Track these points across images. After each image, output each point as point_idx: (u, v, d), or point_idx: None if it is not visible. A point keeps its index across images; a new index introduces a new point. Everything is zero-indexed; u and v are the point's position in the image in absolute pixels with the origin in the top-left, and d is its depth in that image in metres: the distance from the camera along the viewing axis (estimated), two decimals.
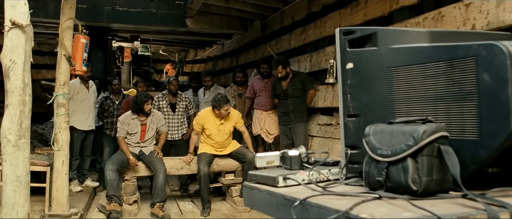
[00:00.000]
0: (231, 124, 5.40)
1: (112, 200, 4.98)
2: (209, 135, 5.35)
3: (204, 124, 5.34)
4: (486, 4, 3.19)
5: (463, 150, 1.32)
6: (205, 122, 5.34)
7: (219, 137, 5.35)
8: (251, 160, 5.37)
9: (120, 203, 5.05)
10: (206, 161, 5.35)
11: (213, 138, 5.35)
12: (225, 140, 5.45)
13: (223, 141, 5.41)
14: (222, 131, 5.34)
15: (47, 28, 8.25)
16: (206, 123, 5.34)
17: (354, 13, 5.05)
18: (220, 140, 5.38)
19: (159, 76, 14.14)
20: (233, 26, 8.30)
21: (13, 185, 3.18)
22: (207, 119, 5.34)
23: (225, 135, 5.39)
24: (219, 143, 5.41)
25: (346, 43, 1.67)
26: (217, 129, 5.32)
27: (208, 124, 5.33)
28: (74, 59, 4.39)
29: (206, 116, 5.37)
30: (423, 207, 1.15)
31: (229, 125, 5.39)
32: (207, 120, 5.34)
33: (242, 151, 5.55)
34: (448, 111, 1.39)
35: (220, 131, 5.34)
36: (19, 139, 3.19)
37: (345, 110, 1.68)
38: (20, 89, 3.19)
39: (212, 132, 5.33)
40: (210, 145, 5.45)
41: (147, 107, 5.31)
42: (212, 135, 5.34)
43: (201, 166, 5.29)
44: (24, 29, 3.18)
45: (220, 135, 5.35)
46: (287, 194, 1.48)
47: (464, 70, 1.33)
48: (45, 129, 7.51)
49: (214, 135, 5.33)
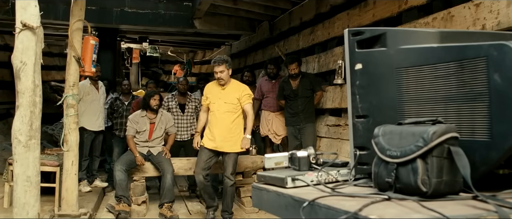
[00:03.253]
0: (234, 94, 4.79)
1: (121, 200, 5.00)
2: (211, 107, 4.84)
3: (208, 94, 4.89)
4: (496, 4, 3.16)
5: (473, 151, 1.31)
6: (209, 91, 4.92)
7: (217, 106, 4.76)
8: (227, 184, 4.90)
9: (129, 204, 5.07)
10: (203, 165, 4.85)
11: (213, 109, 4.80)
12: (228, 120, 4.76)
13: (223, 113, 4.75)
14: (222, 99, 4.76)
15: (57, 30, 8.34)
16: (210, 92, 4.90)
17: (363, 13, 5.03)
18: (220, 112, 4.74)
19: (168, 77, 14.20)
20: (241, 27, 8.32)
21: (23, 185, 3.21)
22: (211, 88, 4.92)
23: (226, 106, 4.74)
24: (221, 123, 4.74)
25: (355, 44, 1.66)
26: (217, 97, 4.80)
27: (211, 94, 4.87)
28: (84, 61, 4.43)
29: (211, 85, 4.99)
30: (432, 208, 1.15)
31: (232, 95, 4.78)
32: (211, 89, 4.92)
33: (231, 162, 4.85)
34: (458, 112, 1.38)
35: (219, 99, 4.77)
36: (30, 140, 3.22)
37: (354, 110, 1.68)
38: (30, 90, 3.22)
39: (212, 100, 4.83)
40: (211, 135, 4.82)
41: (153, 102, 5.35)
42: (213, 106, 4.80)
43: (197, 169, 4.89)
44: (35, 31, 3.21)
45: (219, 103, 4.76)
46: (296, 195, 1.47)
47: (474, 71, 1.32)
48: (55, 130, 7.60)
49: (213, 104, 4.80)
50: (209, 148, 4.82)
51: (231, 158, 4.84)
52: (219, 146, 4.79)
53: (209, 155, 4.84)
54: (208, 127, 4.88)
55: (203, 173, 4.84)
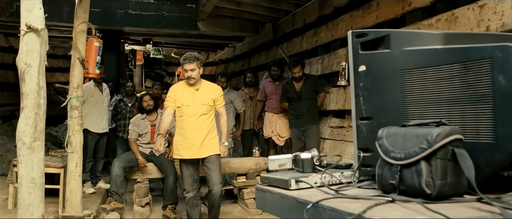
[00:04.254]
0: (210, 95, 4.36)
1: (112, 197, 5.02)
2: (183, 110, 4.30)
3: (176, 95, 4.36)
4: (500, 5, 3.15)
5: (478, 153, 1.31)
6: (179, 93, 4.37)
7: (193, 108, 4.28)
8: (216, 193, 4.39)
9: (121, 201, 5.09)
10: (190, 181, 4.39)
11: (186, 112, 4.28)
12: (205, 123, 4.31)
13: (200, 117, 4.28)
14: (197, 101, 4.29)
15: (61, 32, 8.37)
16: (178, 92, 4.38)
17: (366, 15, 5.03)
18: (194, 115, 4.27)
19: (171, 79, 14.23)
20: (244, 29, 8.33)
21: (28, 187, 3.22)
22: (181, 90, 4.39)
23: (203, 108, 4.29)
24: (198, 127, 4.28)
25: (359, 46, 1.66)
26: (191, 98, 4.31)
27: (180, 93, 4.36)
28: (88, 62, 4.44)
29: (179, 86, 4.48)
30: (437, 210, 1.14)
31: (206, 96, 4.34)
32: (180, 91, 4.38)
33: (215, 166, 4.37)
34: (463, 114, 1.37)
35: (195, 101, 4.30)
36: (34, 141, 3.24)
37: (358, 112, 1.67)
38: (35, 92, 3.23)
39: (184, 102, 4.30)
40: (187, 142, 4.30)
41: (144, 103, 5.42)
42: (186, 110, 4.28)
43: (187, 187, 4.42)
44: (39, 33, 3.22)
45: (195, 106, 4.28)
46: (300, 196, 1.47)
47: (478, 73, 1.31)
48: (59, 131, 7.62)
49: (186, 107, 4.29)
50: (188, 158, 4.35)
51: (214, 162, 4.37)
52: (199, 152, 4.32)
53: (192, 166, 4.39)
54: (180, 134, 4.35)
55: (194, 188, 4.41)
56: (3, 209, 4.91)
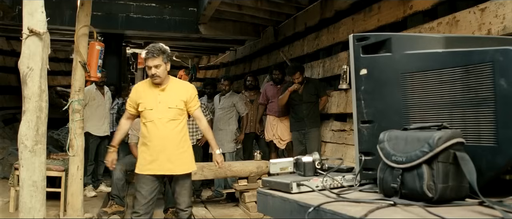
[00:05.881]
0: (179, 96, 3.57)
1: (113, 200, 5.01)
2: (145, 115, 3.54)
3: (141, 98, 3.58)
4: (502, 9, 3.15)
5: (479, 157, 1.31)
6: (142, 93, 3.60)
7: (157, 113, 3.50)
8: None
9: (122, 204, 5.08)
10: (145, 203, 3.51)
11: (150, 118, 3.51)
12: (174, 131, 3.52)
13: (167, 123, 3.50)
14: (162, 104, 3.51)
15: (63, 35, 8.40)
16: (143, 95, 3.58)
17: (367, 18, 5.03)
18: (163, 122, 3.49)
19: None
20: (246, 32, 8.35)
21: (29, 190, 3.22)
22: (143, 90, 3.62)
23: (170, 113, 3.51)
24: (165, 136, 3.49)
25: (360, 49, 1.67)
26: (156, 100, 3.52)
27: (143, 94, 3.59)
28: (89, 66, 4.45)
29: (142, 86, 3.69)
30: (438, 214, 1.14)
31: (176, 97, 3.55)
32: (143, 91, 3.61)
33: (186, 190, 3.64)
34: (464, 117, 1.37)
35: (159, 103, 3.51)
36: (36, 145, 3.24)
37: (359, 116, 1.67)
38: (37, 95, 3.23)
39: (147, 105, 3.52)
40: (150, 155, 3.52)
41: None
42: (149, 114, 3.52)
43: (138, 209, 3.52)
44: (41, 37, 3.23)
45: (160, 109, 3.50)
46: (301, 200, 1.47)
47: (480, 76, 1.31)
48: (61, 135, 7.63)
49: (149, 111, 3.52)
50: (149, 174, 3.53)
51: (184, 185, 3.62)
52: (166, 168, 3.52)
53: (152, 185, 3.54)
54: (143, 143, 3.60)
55: (146, 212, 3.53)
56: (5, 212, 4.91)
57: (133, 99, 3.63)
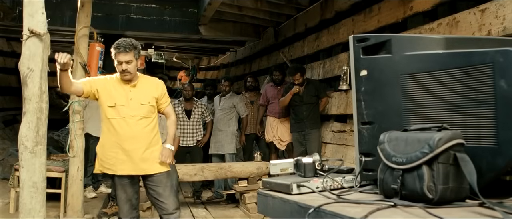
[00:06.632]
0: (151, 93, 3.42)
1: (114, 201, 5.01)
2: (114, 112, 3.31)
3: (104, 88, 3.35)
4: (502, 10, 3.15)
5: (479, 158, 1.31)
6: (109, 85, 3.37)
7: (129, 109, 3.30)
8: None
9: None
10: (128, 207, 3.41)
11: (124, 118, 3.31)
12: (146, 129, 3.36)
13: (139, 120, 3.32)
14: (134, 100, 3.33)
15: (63, 36, 8.40)
16: (110, 88, 3.36)
17: (368, 19, 5.04)
18: (135, 119, 3.31)
19: (173, 84, 14.25)
20: (246, 33, 8.35)
21: (29, 191, 3.22)
22: (112, 85, 3.38)
23: (142, 110, 3.34)
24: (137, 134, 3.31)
25: (360, 50, 1.67)
26: (126, 97, 3.33)
27: (110, 88, 3.36)
28: (90, 67, 4.46)
29: (111, 81, 3.43)
30: (439, 215, 1.14)
31: (148, 94, 3.40)
32: (111, 86, 3.37)
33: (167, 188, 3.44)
34: (464, 118, 1.37)
35: (130, 100, 3.32)
36: (36, 146, 3.24)
37: (359, 117, 1.67)
38: (37, 96, 3.23)
39: (118, 101, 3.31)
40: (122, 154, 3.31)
41: None
42: (120, 111, 3.31)
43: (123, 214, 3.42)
44: (42, 38, 3.23)
45: (132, 107, 3.31)
46: (301, 201, 1.47)
47: (480, 77, 1.32)
48: (61, 136, 7.63)
49: (121, 107, 3.31)
50: (123, 175, 3.35)
51: (163, 183, 3.42)
52: (140, 167, 3.34)
53: (131, 187, 3.41)
54: (114, 143, 3.35)
55: (133, 217, 3.45)
56: (5, 213, 4.91)
57: (98, 84, 3.37)
